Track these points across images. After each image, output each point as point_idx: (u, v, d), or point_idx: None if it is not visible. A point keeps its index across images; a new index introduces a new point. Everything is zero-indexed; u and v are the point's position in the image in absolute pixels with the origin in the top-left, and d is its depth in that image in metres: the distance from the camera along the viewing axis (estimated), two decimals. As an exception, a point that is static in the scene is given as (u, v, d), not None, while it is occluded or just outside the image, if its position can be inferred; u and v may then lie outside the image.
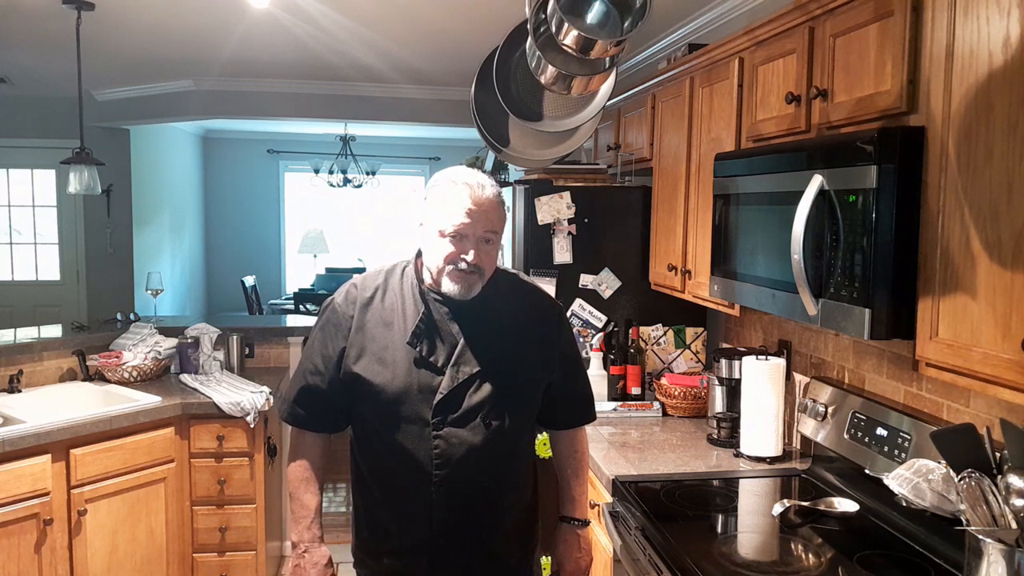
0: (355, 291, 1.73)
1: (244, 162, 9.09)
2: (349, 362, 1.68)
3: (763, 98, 2.11)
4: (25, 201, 6.59)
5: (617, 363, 3.02)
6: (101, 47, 4.26)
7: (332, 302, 1.75)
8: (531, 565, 1.86)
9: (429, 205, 1.66)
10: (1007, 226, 1.27)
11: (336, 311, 1.72)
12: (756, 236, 1.99)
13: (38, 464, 2.61)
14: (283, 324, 4.06)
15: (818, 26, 1.84)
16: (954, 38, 1.40)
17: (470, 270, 1.63)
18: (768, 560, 1.83)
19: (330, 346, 1.71)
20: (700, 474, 2.29)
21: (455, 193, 1.62)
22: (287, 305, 7.13)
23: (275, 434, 3.47)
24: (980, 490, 1.38)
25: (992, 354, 1.30)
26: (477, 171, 1.69)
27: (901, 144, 1.49)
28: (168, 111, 5.89)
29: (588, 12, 1.90)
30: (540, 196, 2.99)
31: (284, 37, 4.06)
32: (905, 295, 1.52)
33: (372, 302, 1.71)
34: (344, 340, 1.70)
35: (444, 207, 1.62)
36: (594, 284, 3.06)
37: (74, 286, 6.61)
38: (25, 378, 3.18)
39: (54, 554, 2.67)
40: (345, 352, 1.69)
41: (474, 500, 1.68)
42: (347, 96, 5.62)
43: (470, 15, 3.55)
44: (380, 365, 1.66)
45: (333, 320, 1.72)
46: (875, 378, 2.09)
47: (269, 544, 3.31)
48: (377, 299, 1.71)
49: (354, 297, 1.72)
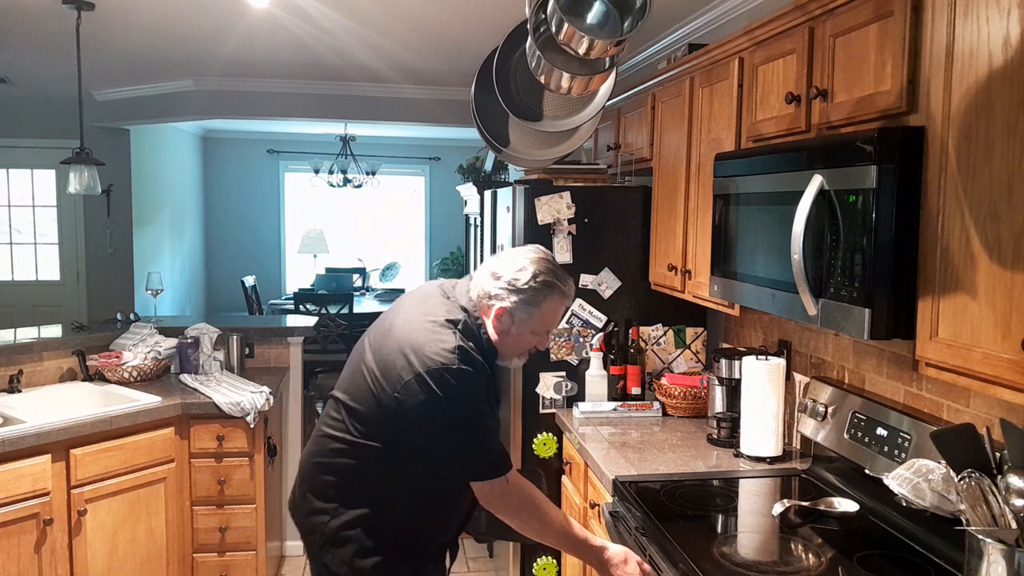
0: (474, 353, 1.75)
1: (244, 162, 9.09)
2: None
3: (763, 98, 2.11)
4: (25, 201, 6.60)
5: (617, 363, 3.02)
6: (101, 47, 4.26)
7: (476, 366, 1.73)
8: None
9: (534, 308, 1.72)
10: (1007, 226, 1.27)
11: (483, 371, 1.76)
12: (756, 236, 1.99)
13: (38, 464, 2.61)
14: (283, 324, 4.06)
15: (818, 26, 1.84)
16: (954, 38, 1.40)
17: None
18: (768, 560, 1.83)
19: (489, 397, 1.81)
20: (700, 474, 2.29)
21: (564, 307, 1.77)
22: (287, 305, 7.11)
23: (275, 434, 3.47)
24: (980, 490, 1.38)
25: (992, 354, 1.30)
26: (565, 272, 1.80)
27: (901, 144, 1.49)
28: (168, 111, 5.90)
29: (588, 12, 1.90)
30: (540, 196, 2.99)
31: (284, 37, 4.06)
32: (905, 295, 1.52)
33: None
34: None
35: (552, 318, 1.78)
36: (594, 284, 3.06)
37: (74, 286, 6.61)
38: (25, 378, 3.18)
39: (54, 554, 2.67)
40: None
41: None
42: (347, 96, 5.62)
43: (470, 15, 3.55)
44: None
45: (483, 378, 1.75)
46: (875, 378, 2.09)
47: (269, 544, 3.31)
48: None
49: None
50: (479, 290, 1.76)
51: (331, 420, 1.86)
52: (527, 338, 1.76)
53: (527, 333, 1.74)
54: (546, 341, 1.80)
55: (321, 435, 1.88)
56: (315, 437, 1.91)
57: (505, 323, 1.73)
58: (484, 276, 1.76)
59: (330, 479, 1.83)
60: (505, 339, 1.75)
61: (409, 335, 1.73)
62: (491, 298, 1.72)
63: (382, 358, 1.76)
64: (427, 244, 9.48)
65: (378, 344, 1.81)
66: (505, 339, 1.75)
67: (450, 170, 8.03)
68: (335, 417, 1.85)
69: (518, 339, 1.74)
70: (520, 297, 1.70)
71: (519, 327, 1.73)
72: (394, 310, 1.90)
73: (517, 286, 1.70)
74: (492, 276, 1.74)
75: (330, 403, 1.90)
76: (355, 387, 1.82)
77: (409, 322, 1.78)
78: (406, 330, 1.76)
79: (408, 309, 1.84)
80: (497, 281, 1.72)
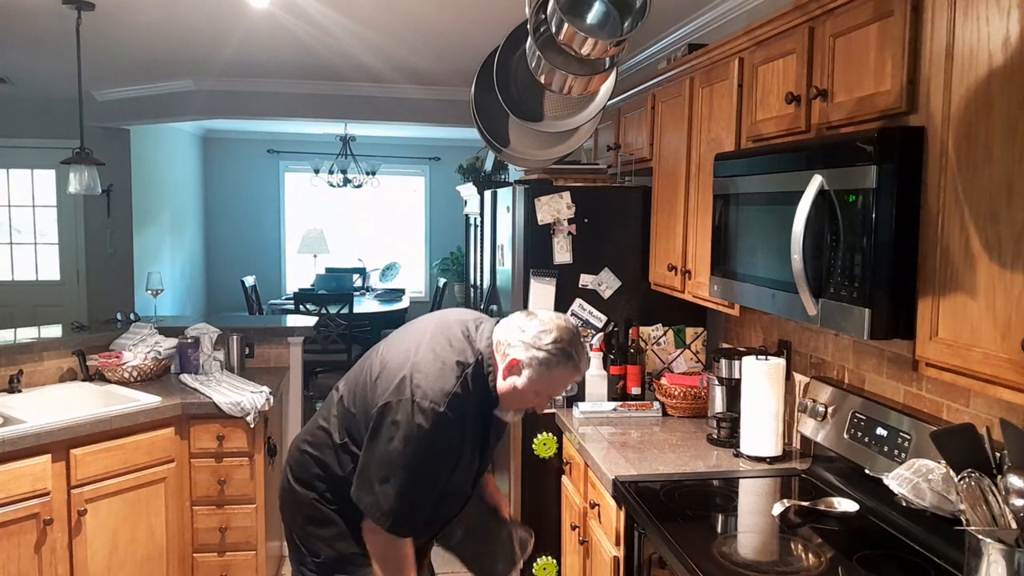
0: (467, 403, 1.80)
1: (244, 162, 9.09)
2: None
3: (763, 98, 2.11)
4: (25, 201, 6.59)
5: (617, 363, 3.02)
6: (101, 47, 4.26)
7: (460, 416, 1.78)
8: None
9: (546, 370, 1.77)
10: (1007, 226, 1.27)
11: (465, 421, 1.81)
12: (756, 236, 1.99)
13: (38, 464, 2.61)
14: (283, 324, 4.06)
15: (818, 26, 1.84)
16: (954, 38, 1.40)
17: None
18: (768, 560, 1.83)
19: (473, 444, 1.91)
20: (700, 474, 2.29)
21: (573, 379, 1.84)
22: (287, 305, 7.11)
23: (275, 434, 3.47)
24: (980, 490, 1.39)
25: (992, 354, 1.30)
26: (585, 349, 1.84)
27: (901, 144, 1.49)
28: (168, 111, 5.89)
29: (588, 12, 1.90)
30: (540, 196, 2.99)
31: (284, 37, 4.06)
32: (905, 295, 1.52)
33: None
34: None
35: (559, 385, 1.83)
36: (594, 284, 3.06)
37: (74, 286, 6.61)
38: (25, 378, 3.18)
39: (54, 554, 2.67)
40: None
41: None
42: (347, 96, 5.62)
43: (470, 15, 3.55)
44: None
45: (462, 429, 1.82)
46: (875, 378, 2.09)
47: (269, 544, 3.31)
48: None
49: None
50: (501, 336, 1.81)
51: (326, 412, 1.96)
52: (530, 396, 1.81)
53: (531, 391, 1.79)
54: (545, 404, 1.87)
55: (317, 426, 1.96)
56: (311, 425, 2.00)
57: (515, 375, 1.78)
58: (510, 326, 1.82)
59: (317, 472, 1.91)
60: (510, 391, 1.80)
61: (416, 360, 1.79)
62: (510, 347, 1.78)
63: (385, 366, 1.83)
64: (427, 244, 9.47)
65: (389, 354, 1.88)
66: (510, 391, 1.80)
67: (450, 170, 8.03)
68: (332, 412, 1.95)
69: (522, 394, 1.80)
70: (537, 355, 1.76)
71: (526, 383, 1.78)
72: (415, 328, 1.94)
73: (538, 344, 1.76)
74: (518, 328, 1.80)
75: (331, 394, 1.98)
76: (354, 381, 1.92)
77: (421, 347, 1.82)
78: (418, 354, 1.81)
79: (428, 333, 1.88)
80: (521, 334, 1.78)
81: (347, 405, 1.88)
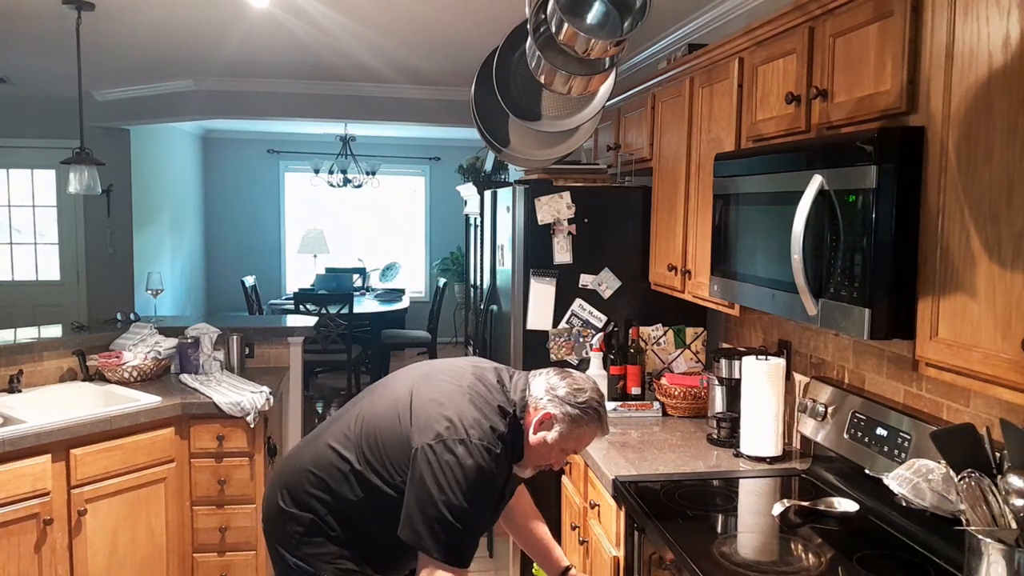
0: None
1: (244, 162, 9.09)
2: None
3: (763, 98, 2.11)
4: (25, 201, 6.60)
5: (617, 363, 3.02)
6: (101, 47, 4.26)
7: (504, 460, 1.78)
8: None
9: (575, 427, 1.79)
10: (1007, 226, 1.27)
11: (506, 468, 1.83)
12: (756, 236, 1.99)
13: (38, 464, 2.61)
14: (283, 324, 4.06)
15: (818, 26, 1.84)
16: (954, 38, 1.40)
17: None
18: (768, 560, 1.83)
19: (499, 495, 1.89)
20: (700, 474, 2.29)
21: (595, 438, 1.85)
22: (287, 305, 7.11)
23: (275, 434, 3.47)
24: (980, 490, 1.39)
25: (992, 354, 1.30)
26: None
27: (901, 144, 1.49)
28: (168, 111, 5.90)
29: (588, 12, 1.90)
30: (540, 196, 2.99)
31: (284, 37, 4.07)
32: (905, 295, 1.52)
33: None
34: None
35: (582, 442, 1.84)
36: (594, 284, 3.06)
37: (74, 286, 6.61)
38: (25, 378, 3.18)
39: (54, 554, 2.67)
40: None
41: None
42: (347, 96, 5.62)
43: (470, 15, 3.56)
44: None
45: (504, 476, 1.82)
46: (875, 378, 2.09)
47: (269, 544, 3.31)
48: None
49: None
50: (537, 389, 1.82)
51: (339, 435, 1.87)
52: (555, 452, 1.82)
53: (558, 447, 1.80)
54: (562, 462, 1.88)
55: (327, 445, 1.87)
56: (316, 446, 1.90)
57: (546, 430, 1.79)
58: (545, 382, 1.83)
59: (318, 494, 1.84)
60: (540, 444, 1.80)
61: (457, 402, 1.77)
62: (546, 402, 1.79)
63: (422, 403, 1.79)
64: (427, 244, 9.48)
65: (425, 391, 1.83)
66: (540, 444, 1.80)
67: (450, 170, 8.04)
68: (348, 435, 1.86)
69: (549, 449, 1.80)
70: (570, 412, 1.78)
71: (556, 438, 1.78)
72: (447, 367, 1.91)
73: (572, 401, 1.78)
74: (553, 385, 1.81)
75: (344, 419, 1.90)
76: (383, 410, 1.85)
77: (463, 389, 1.80)
78: (464, 395, 1.78)
79: (467, 375, 1.85)
80: (555, 391, 1.80)
81: (370, 431, 1.82)
